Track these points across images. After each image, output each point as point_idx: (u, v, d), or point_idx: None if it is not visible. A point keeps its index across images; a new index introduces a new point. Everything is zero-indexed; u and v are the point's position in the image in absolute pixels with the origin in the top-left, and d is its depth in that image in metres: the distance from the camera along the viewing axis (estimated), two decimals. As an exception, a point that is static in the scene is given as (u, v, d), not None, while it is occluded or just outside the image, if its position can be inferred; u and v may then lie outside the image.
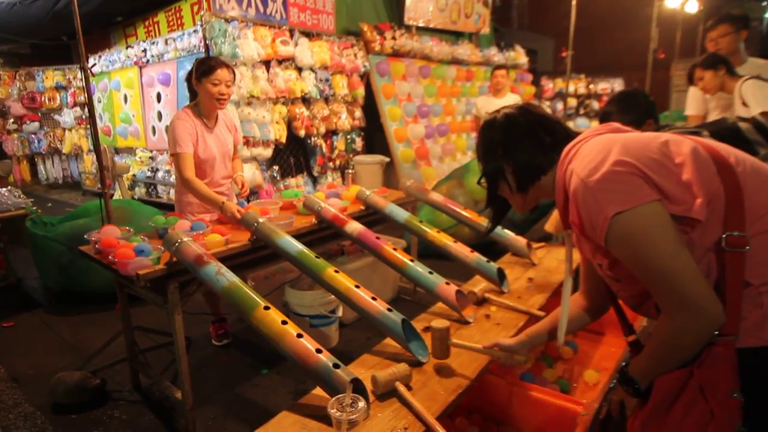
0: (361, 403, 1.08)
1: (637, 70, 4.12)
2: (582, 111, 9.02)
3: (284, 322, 1.32)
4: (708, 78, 2.59)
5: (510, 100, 4.37)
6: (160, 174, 5.84)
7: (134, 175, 6.18)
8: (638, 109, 1.89)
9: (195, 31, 4.95)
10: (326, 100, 5.25)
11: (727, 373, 0.82)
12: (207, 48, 4.22)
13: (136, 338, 2.30)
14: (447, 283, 1.72)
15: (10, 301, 3.37)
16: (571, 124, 8.50)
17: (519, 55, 8.05)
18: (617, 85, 9.07)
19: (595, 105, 9.00)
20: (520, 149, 1.03)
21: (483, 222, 2.47)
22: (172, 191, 5.78)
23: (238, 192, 2.49)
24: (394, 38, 5.90)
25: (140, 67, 5.88)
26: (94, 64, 6.50)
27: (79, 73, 2.33)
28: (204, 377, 2.37)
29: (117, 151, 6.67)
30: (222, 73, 2.27)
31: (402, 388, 1.25)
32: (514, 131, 1.04)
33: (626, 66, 8.91)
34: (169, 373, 2.39)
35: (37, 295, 3.47)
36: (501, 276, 1.94)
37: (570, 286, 1.18)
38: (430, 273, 1.76)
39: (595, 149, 0.90)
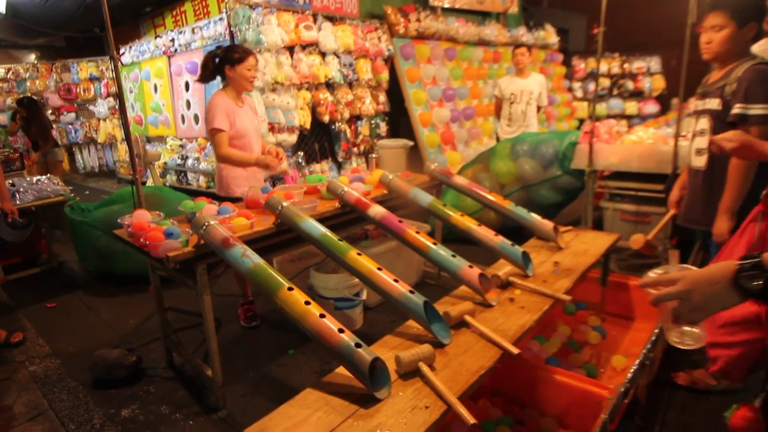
0: None
1: (674, 47, 3.90)
2: (615, 92, 8.66)
3: (307, 303, 1.34)
4: None
5: (535, 79, 4.25)
6: (189, 161, 5.98)
7: (165, 163, 6.35)
8: (742, 8, 1.78)
9: (221, 19, 4.99)
10: (350, 85, 5.23)
11: None
12: (232, 35, 4.26)
13: (169, 319, 2.39)
14: (470, 266, 1.71)
15: (53, 283, 3.56)
16: (603, 106, 8.23)
17: (549, 35, 7.80)
18: (654, 63, 8.61)
19: (630, 85, 8.61)
20: None
21: (508, 206, 2.43)
22: (202, 178, 5.91)
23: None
24: (418, 20, 5.81)
25: (169, 57, 5.99)
26: (123, 53, 6.68)
27: (111, 63, 2.40)
28: (233, 357, 2.45)
29: (149, 139, 6.86)
30: (252, 60, 2.58)
31: (425, 368, 1.26)
32: None
33: (663, 43, 8.48)
34: (201, 352, 2.48)
35: (77, 277, 3.64)
36: (526, 259, 1.91)
37: None
38: (453, 256, 1.75)
39: None
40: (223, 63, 2.55)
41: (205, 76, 2.61)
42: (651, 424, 1.82)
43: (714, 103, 1.95)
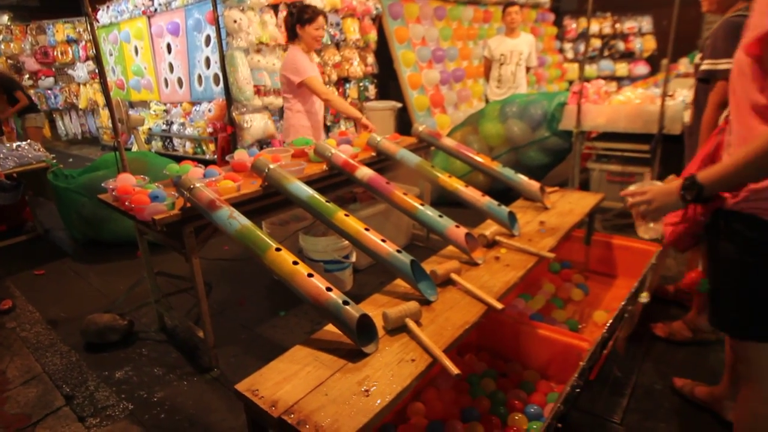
0: None
1: (666, 6, 3.83)
2: (606, 53, 8.54)
3: (295, 263, 1.35)
4: None
5: (524, 39, 4.16)
6: (175, 127, 5.85)
7: (150, 129, 6.21)
8: None
9: (200, -25, 4.78)
10: (337, 45, 5.10)
11: None
12: (213, -7, 4.09)
13: (160, 284, 2.40)
14: (457, 226, 1.72)
15: (39, 251, 3.53)
16: (593, 68, 8.13)
17: (540, -7, 7.59)
18: (645, 23, 8.47)
19: (621, 46, 8.49)
20: None
21: (496, 167, 2.43)
22: (189, 144, 5.80)
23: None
24: (407, -23, 5.61)
25: (149, 17, 5.76)
26: (98, 10, 6.40)
27: (87, 23, 2.30)
28: (225, 319, 2.48)
29: (131, 104, 6.67)
30: (321, 20, 2.74)
31: (411, 324, 1.29)
32: None
33: (655, 3, 8.35)
34: (192, 315, 2.51)
35: (65, 245, 3.62)
36: (512, 219, 1.93)
37: None
38: (441, 216, 1.76)
39: None
40: (295, 22, 2.71)
41: (289, 35, 2.78)
42: (629, 374, 1.90)
43: (698, 58, 1.96)
